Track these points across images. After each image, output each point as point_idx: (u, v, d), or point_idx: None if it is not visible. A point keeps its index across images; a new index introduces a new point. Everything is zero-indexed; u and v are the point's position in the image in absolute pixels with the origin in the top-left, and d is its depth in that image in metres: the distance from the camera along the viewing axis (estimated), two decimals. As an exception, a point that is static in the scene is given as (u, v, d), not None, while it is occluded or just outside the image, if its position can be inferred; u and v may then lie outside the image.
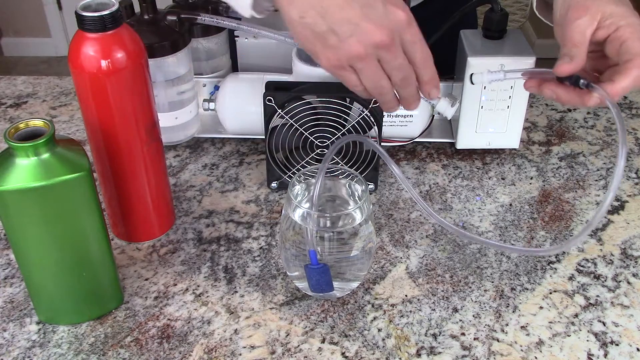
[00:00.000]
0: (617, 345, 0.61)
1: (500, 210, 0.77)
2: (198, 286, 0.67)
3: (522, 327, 0.62)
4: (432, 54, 0.60)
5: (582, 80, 0.60)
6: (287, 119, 0.74)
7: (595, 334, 0.62)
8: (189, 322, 0.63)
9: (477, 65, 0.77)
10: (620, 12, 0.61)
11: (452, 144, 0.87)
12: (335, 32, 0.56)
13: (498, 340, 0.61)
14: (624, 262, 0.70)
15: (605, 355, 0.60)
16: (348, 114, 0.74)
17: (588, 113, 0.94)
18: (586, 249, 0.71)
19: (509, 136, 0.83)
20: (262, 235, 0.73)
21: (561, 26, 0.63)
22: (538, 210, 0.77)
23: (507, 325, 0.62)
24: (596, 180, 0.81)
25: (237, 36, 0.88)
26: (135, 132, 0.64)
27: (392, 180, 0.81)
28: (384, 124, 0.78)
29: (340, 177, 0.65)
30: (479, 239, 0.67)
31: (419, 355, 0.60)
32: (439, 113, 0.70)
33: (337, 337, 0.61)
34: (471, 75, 0.68)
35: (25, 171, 0.53)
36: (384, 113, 0.76)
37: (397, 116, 0.82)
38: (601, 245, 0.72)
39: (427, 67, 0.60)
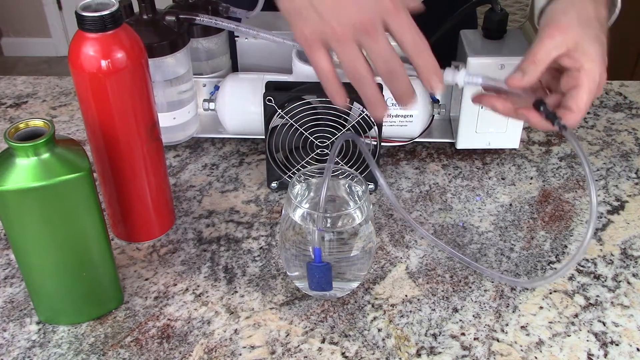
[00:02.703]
0: (617, 345, 0.61)
1: (500, 210, 0.77)
2: (198, 286, 0.67)
3: (522, 327, 0.62)
4: (432, 55, 0.59)
5: (545, 107, 0.61)
6: (287, 119, 0.74)
7: (595, 334, 0.62)
8: (189, 322, 0.63)
9: (477, 65, 0.77)
10: (591, 52, 0.60)
11: (452, 144, 0.87)
12: (316, 7, 0.55)
13: (498, 340, 0.61)
14: (624, 262, 0.70)
15: (605, 355, 0.60)
16: (348, 114, 0.74)
17: (588, 113, 0.94)
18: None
19: (509, 136, 0.83)
20: (262, 235, 0.73)
21: (537, 36, 0.62)
22: (538, 210, 0.77)
23: (507, 325, 0.62)
24: (596, 180, 0.81)
25: (237, 36, 0.88)
26: (135, 132, 0.64)
27: (392, 180, 0.81)
28: (383, 124, 0.78)
29: (340, 177, 0.65)
30: (465, 259, 0.67)
31: (419, 355, 0.60)
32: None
33: (337, 337, 0.61)
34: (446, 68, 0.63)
35: (25, 171, 0.53)
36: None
37: (397, 116, 0.82)
38: (601, 245, 0.72)
39: (421, 55, 0.57)
